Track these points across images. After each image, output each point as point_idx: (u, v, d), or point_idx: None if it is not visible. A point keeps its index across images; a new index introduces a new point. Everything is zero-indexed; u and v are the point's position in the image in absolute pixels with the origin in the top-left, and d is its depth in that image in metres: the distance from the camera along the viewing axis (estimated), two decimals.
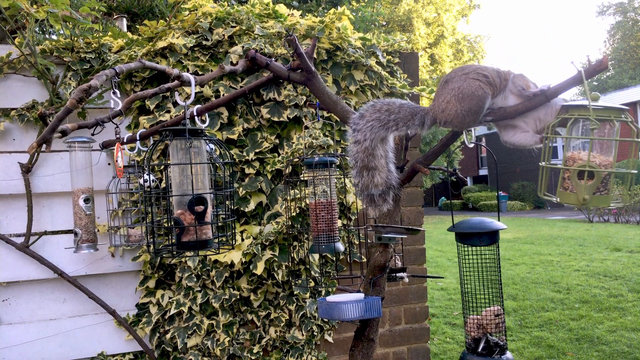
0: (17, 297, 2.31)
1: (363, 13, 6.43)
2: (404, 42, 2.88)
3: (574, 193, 1.31)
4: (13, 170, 2.28)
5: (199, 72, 2.43)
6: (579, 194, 1.29)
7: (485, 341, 1.41)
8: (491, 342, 1.40)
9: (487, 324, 1.42)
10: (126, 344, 2.40)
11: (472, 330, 1.44)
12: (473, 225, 1.42)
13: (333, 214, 1.88)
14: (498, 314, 1.42)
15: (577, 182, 1.30)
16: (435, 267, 7.92)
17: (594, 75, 1.25)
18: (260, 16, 2.62)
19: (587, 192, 1.28)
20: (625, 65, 35.73)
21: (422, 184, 2.92)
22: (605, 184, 1.30)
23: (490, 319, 1.41)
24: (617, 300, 5.42)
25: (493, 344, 1.40)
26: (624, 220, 13.58)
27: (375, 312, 1.55)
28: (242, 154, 2.48)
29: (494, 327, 1.41)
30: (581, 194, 1.28)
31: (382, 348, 2.78)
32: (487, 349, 1.40)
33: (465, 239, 1.44)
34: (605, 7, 38.05)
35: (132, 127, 2.42)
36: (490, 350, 1.39)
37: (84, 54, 2.34)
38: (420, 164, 1.53)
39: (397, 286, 2.82)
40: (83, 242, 2.12)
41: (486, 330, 1.42)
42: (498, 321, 1.41)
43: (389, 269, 1.68)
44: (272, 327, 2.52)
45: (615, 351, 3.99)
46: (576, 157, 1.32)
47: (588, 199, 1.27)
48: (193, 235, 1.47)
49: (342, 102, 1.73)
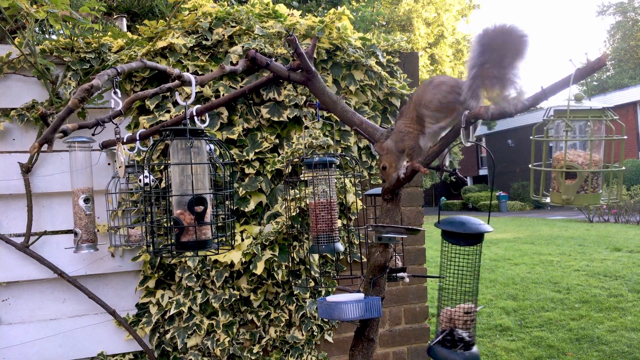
0: (17, 297, 2.31)
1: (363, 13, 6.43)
2: (404, 42, 2.88)
3: (559, 193, 1.32)
4: (13, 170, 2.28)
5: (199, 72, 2.43)
6: (562, 194, 1.30)
7: (450, 334, 1.44)
8: (456, 336, 1.43)
9: (456, 319, 1.46)
10: (126, 344, 2.40)
11: (442, 322, 1.49)
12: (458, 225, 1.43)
13: (333, 214, 1.88)
14: (468, 312, 1.44)
15: (561, 182, 1.31)
16: (435, 267, 7.90)
17: (593, 73, 1.24)
18: (260, 16, 2.62)
19: (569, 192, 1.29)
20: (625, 65, 35.74)
21: (422, 183, 2.92)
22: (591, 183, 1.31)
23: (460, 314, 1.45)
24: (617, 300, 5.42)
25: (458, 338, 1.43)
26: (624, 220, 13.58)
27: (375, 312, 1.55)
28: (242, 154, 2.48)
29: (462, 324, 1.44)
30: (563, 193, 1.29)
31: (382, 348, 2.78)
32: (450, 342, 1.44)
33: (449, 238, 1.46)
34: (605, 7, 38.05)
35: (132, 127, 2.42)
36: (454, 343, 1.43)
37: (84, 54, 2.34)
38: (420, 164, 1.53)
39: (397, 286, 2.82)
40: (83, 242, 2.12)
41: (455, 324, 1.45)
42: (467, 318, 1.44)
43: (389, 269, 1.68)
44: (272, 327, 2.52)
45: (615, 351, 3.99)
46: (561, 157, 1.33)
47: (569, 198, 1.28)
48: (193, 235, 1.47)
49: (342, 102, 1.73)
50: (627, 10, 36.46)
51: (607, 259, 7.69)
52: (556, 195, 1.33)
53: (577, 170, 1.28)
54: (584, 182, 1.30)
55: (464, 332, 1.45)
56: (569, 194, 1.29)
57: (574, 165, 1.28)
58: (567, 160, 1.28)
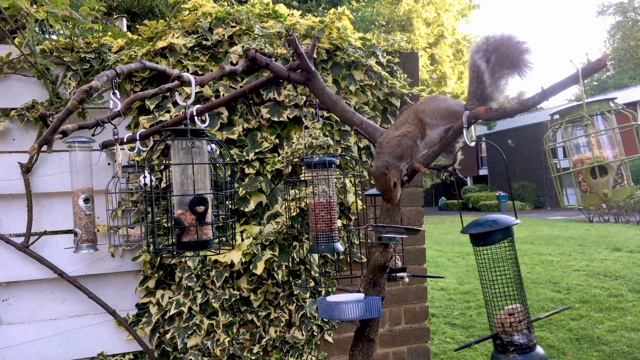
0: (17, 297, 2.31)
1: (363, 13, 6.42)
2: (404, 42, 2.88)
3: (594, 193, 1.30)
4: (13, 170, 2.28)
5: (199, 72, 2.43)
6: (599, 191, 1.28)
7: (499, 338, 1.42)
8: (504, 340, 1.41)
9: (503, 322, 1.43)
10: (126, 344, 2.40)
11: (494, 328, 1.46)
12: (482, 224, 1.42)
13: (332, 214, 1.88)
14: (512, 313, 1.42)
15: (593, 181, 1.29)
16: (435, 267, 7.92)
17: (593, 74, 1.24)
18: (260, 16, 2.62)
19: (606, 187, 1.27)
20: (625, 65, 35.73)
21: (422, 184, 2.92)
22: (621, 175, 1.29)
23: (505, 317, 1.42)
24: (617, 300, 5.42)
25: (507, 342, 1.40)
26: (624, 220, 13.57)
27: (375, 312, 1.55)
28: (242, 154, 2.48)
29: (509, 326, 1.41)
30: (601, 190, 1.27)
31: (382, 348, 2.78)
32: (501, 346, 1.41)
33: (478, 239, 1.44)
34: (605, 7, 38.06)
35: (132, 127, 2.42)
36: (504, 348, 1.40)
37: (83, 54, 2.34)
38: (420, 164, 1.53)
39: (397, 286, 2.82)
40: (83, 242, 2.12)
41: (504, 328, 1.43)
42: (512, 320, 1.41)
43: (389, 269, 1.68)
44: (272, 327, 2.52)
45: (615, 351, 3.99)
46: (583, 158, 1.32)
47: (609, 193, 1.27)
48: (193, 235, 1.47)
49: (342, 102, 1.73)
50: (627, 10, 36.46)
51: (607, 259, 7.69)
52: (591, 196, 1.30)
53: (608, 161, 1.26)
54: (617, 176, 1.28)
55: (515, 335, 1.42)
56: (607, 189, 1.27)
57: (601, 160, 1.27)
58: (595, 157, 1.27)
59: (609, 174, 1.27)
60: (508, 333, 1.41)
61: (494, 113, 1.39)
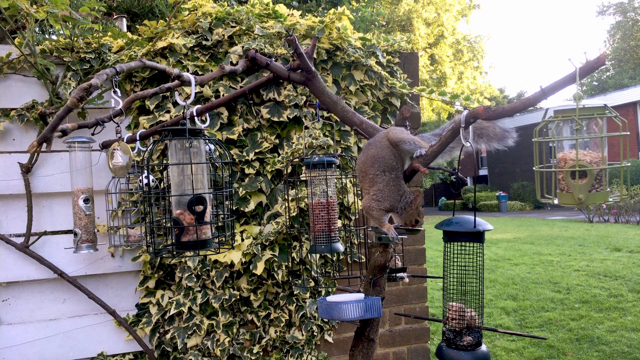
0: (17, 297, 2.31)
1: (363, 13, 6.42)
2: (404, 42, 2.88)
3: (570, 193, 1.32)
4: (13, 170, 2.28)
5: (199, 72, 2.43)
6: (575, 194, 1.29)
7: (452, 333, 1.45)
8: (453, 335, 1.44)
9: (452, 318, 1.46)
10: (126, 344, 2.40)
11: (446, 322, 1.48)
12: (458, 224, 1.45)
13: (332, 214, 1.88)
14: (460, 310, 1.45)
15: (571, 182, 1.30)
16: (435, 267, 7.92)
17: (592, 72, 1.24)
18: (260, 16, 2.62)
19: (581, 191, 1.29)
20: (625, 65, 35.72)
21: (422, 184, 2.92)
22: (599, 181, 1.31)
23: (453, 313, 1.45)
24: (617, 300, 5.42)
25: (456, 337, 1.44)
26: (624, 220, 13.57)
27: (376, 312, 1.55)
28: (242, 154, 2.48)
29: (456, 323, 1.44)
30: (577, 194, 1.29)
31: (382, 348, 2.78)
32: (452, 341, 1.44)
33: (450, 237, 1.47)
34: (605, 7, 38.05)
35: (132, 127, 2.42)
36: (455, 343, 1.44)
37: (83, 54, 2.34)
38: (420, 164, 1.53)
39: (397, 286, 2.82)
40: (83, 242, 2.12)
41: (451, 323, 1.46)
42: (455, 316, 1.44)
43: (389, 269, 1.68)
44: (272, 327, 2.52)
45: (615, 351, 3.99)
46: (567, 157, 1.33)
47: (583, 198, 1.28)
48: (193, 235, 1.47)
49: (342, 102, 1.73)
50: (627, 10, 36.45)
51: (607, 259, 7.69)
52: (567, 196, 1.32)
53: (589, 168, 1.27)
54: (595, 181, 1.30)
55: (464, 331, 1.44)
56: (583, 193, 1.28)
57: (584, 164, 1.28)
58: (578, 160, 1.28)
59: (588, 178, 1.28)
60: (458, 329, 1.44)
61: (492, 112, 1.39)
